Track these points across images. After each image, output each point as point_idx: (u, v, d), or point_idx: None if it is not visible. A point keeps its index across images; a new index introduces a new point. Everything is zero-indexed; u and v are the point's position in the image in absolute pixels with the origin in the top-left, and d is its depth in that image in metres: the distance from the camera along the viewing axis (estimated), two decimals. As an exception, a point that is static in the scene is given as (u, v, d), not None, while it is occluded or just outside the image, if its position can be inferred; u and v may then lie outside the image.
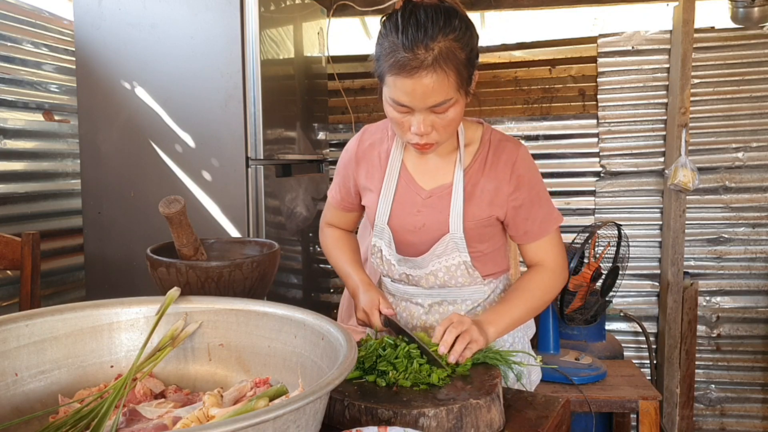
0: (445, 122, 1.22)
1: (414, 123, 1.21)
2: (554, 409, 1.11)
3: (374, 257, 1.47)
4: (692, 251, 3.02)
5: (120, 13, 2.36)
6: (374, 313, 1.35)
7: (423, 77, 1.14)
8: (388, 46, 1.17)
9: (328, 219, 1.60)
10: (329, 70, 3.14)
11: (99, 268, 2.46)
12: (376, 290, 1.40)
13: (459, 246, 1.37)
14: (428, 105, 1.18)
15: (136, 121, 2.38)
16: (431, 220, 1.38)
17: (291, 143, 2.62)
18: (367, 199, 1.47)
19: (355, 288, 1.44)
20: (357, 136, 1.49)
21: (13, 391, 0.96)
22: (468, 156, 1.38)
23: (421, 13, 1.16)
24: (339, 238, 1.57)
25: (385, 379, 1.08)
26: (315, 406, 0.76)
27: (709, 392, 3.09)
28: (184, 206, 1.28)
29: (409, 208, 1.40)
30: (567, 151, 3.12)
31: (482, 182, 1.36)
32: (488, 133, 1.40)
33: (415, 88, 1.16)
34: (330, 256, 1.55)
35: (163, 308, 1.08)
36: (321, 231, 1.62)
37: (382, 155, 1.43)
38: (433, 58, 1.14)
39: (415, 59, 1.14)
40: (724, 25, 2.92)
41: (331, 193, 1.55)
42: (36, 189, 2.55)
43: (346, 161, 1.49)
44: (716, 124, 2.97)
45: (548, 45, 3.08)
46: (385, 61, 1.18)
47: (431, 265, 1.40)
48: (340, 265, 1.52)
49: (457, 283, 1.42)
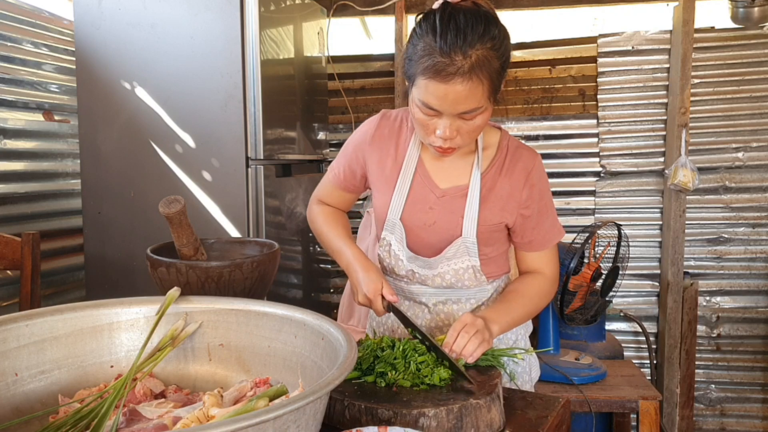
0: (471, 128, 1.22)
1: (440, 127, 1.20)
2: (554, 409, 1.11)
3: (382, 250, 1.45)
4: (692, 251, 3.02)
5: (120, 13, 2.36)
6: (377, 298, 1.29)
7: (457, 84, 1.13)
8: (423, 48, 1.15)
9: (321, 195, 1.54)
10: (329, 70, 3.14)
11: (99, 268, 2.46)
12: (376, 270, 1.33)
13: (470, 250, 1.37)
14: (458, 111, 1.17)
15: (136, 121, 2.38)
16: (443, 218, 1.37)
17: (291, 143, 2.62)
18: (376, 191, 1.43)
19: (349, 264, 1.37)
20: (375, 120, 1.45)
21: (13, 391, 0.96)
22: (485, 160, 1.37)
23: (460, 17, 1.13)
24: (330, 213, 1.51)
25: (385, 380, 1.08)
26: (315, 406, 0.76)
27: (709, 392, 3.09)
28: (184, 206, 1.28)
29: (421, 204, 1.39)
30: (567, 151, 3.11)
31: (497, 187, 1.36)
32: (506, 139, 1.40)
33: (448, 94, 1.14)
34: (320, 231, 1.49)
35: (163, 308, 1.08)
36: (310, 206, 1.55)
37: (400, 147, 1.41)
38: (469, 66, 1.12)
39: (451, 65, 1.12)
40: (724, 25, 2.92)
41: (334, 171, 1.49)
42: (36, 189, 2.56)
43: (359, 142, 1.45)
44: (716, 124, 2.97)
45: (548, 45, 3.08)
46: (419, 62, 1.16)
47: (440, 267, 1.40)
48: (330, 239, 1.45)
49: (463, 285, 1.42)
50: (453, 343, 1.18)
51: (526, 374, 1.49)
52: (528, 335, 1.58)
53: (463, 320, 1.22)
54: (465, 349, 1.16)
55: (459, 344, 1.17)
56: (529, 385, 1.50)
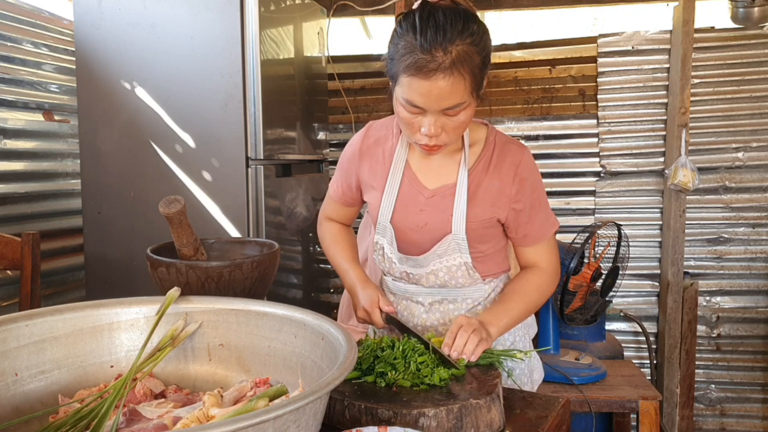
0: (456, 124, 1.23)
1: (425, 124, 1.21)
2: (554, 409, 1.11)
3: (376, 254, 1.48)
4: (692, 251, 3.02)
5: (120, 13, 2.36)
6: (375, 310, 1.36)
7: (439, 80, 1.14)
8: (404, 47, 1.17)
9: (327, 213, 1.61)
10: (329, 70, 3.14)
11: (99, 268, 2.46)
12: (374, 287, 1.41)
13: (461, 247, 1.37)
14: (442, 107, 1.18)
15: (136, 121, 2.38)
16: (434, 219, 1.38)
17: (291, 143, 2.62)
18: (369, 196, 1.47)
19: (353, 285, 1.45)
20: (361, 132, 1.49)
21: (13, 391, 0.96)
22: (472, 156, 1.38)
23: (439, 15, 1.16)
24: (337, 233, 1.58)
25: (385, 380, 1.08)
26: (315, 406, 0.76)
27: (709, 392, 3.09)
28: (184, 206, 1.28)
29: (412, 206, 1.40)
30: (567, 151, 3.12)
31: (485, 183, 1.36)
32: (492, 135, 1.40)
33: (431, 90, 1.16)
34: (328, 250, 1.56)
35: (163, 308, 1.08)
36: (319, 225, 1.62)
37: (386, 152, 1.44)
38: (450, 62, 1.14)
39: (432, 61, 1.14)
40: (724, 25, 2.92)
41: (333, 187, 1.55)
42: (36, 189, 2.56)
43: (350, 156, 1.49)
44: (716, 124, 2.97)
45: (548, 45, 3.08)
46: (401, 61, 1.18)
47: (432, 264, 1.40)
48: (337, 261, 1.53)
49: (457, 283, 1.42)
50: (452, 344, 1.19)
51: (525, 376, 1.49)
52: (531, 337, 1.57)
53: (458, 322, 1.23)
54: (465, 348, 1.18)
55: (458, 344, 1.18)
56: (531, 387, 1.50)
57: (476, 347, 1.18)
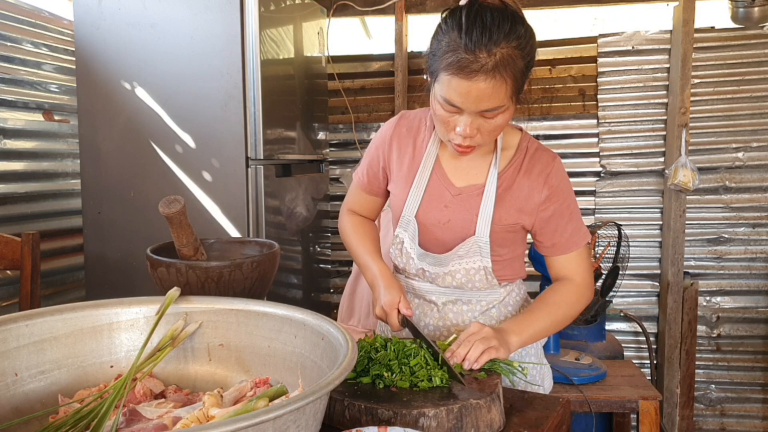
0: (492, 127, 1.21)
1: (461, 124, 1.20)
2: (554, 409, 1.11)
3: (394, 248, 1.45)
4: (692, 251, 3.02)
5: (120, 13, 2.36)
6: (393, 312, 1.30)
7: (480, 81, 1.13)
8: (447, 44, 1.15)
9: (350, 204, 1.56)
10: (329, 70, 3.14)
11: (99, 268, 2.46)
12: (398, 287, 1.35)
13: (482, 250, 1.35)
14: (480, 109, 1.17)
15: (136, 121, 2.38)
16: (457, 217, 1.37)
17: (291, 143, 2.62)
18: (394, 186, 1.44)
19: (374, 279, 1.39)
20: (393, 120, 1.47)
21: (13, 391, 0.96)
22: (504, 160, 1.37)
23: (487, 15, 1.13)
24: (359, 225, 1.53)
25: (383, 381, 1.08)
26: (315, 406, 0.76)
27: (709, 392, 3.08)
28: (184, 206, 1.28)
29: (437, 202, 1.39)
30: (567, 151, 3.12)
31: (514, 188, 1.35)
32: (526, 141, 1.39)
33: (470, 91, 1.14)
34: (349, 242, 1.51)
35: (163, 308, 1.08)
36: (341, 216, 1.58)
37: (418, 145, 1.42)
38: (493, 64, 1.12)
39: (475, 62, 1.12)
40: (724, 25, 2.92)
41: (358, 175, 1.52)
42: (36, 189, 2.56)
43: (379, 143, 1.46)
44: (716, 124, 2.97)
45: (548, 45, 3.08)
46: (443, 58, 1.15)
47: (451, 264, 1.39)
48: (359, 254, 1.47)
49: (473, 286, 1.40)
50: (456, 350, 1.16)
51: (537, 384, 1.47)
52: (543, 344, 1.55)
53: (470, 330, 1.20)
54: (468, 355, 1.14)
55: (460, 353, 1.15)
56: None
57: (481, 355, 1.14)
